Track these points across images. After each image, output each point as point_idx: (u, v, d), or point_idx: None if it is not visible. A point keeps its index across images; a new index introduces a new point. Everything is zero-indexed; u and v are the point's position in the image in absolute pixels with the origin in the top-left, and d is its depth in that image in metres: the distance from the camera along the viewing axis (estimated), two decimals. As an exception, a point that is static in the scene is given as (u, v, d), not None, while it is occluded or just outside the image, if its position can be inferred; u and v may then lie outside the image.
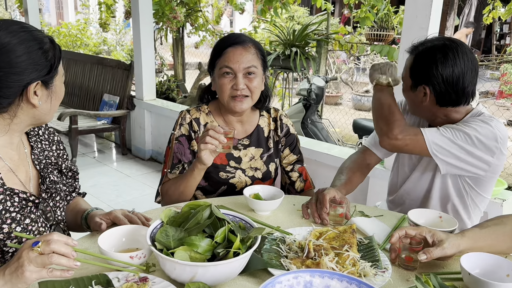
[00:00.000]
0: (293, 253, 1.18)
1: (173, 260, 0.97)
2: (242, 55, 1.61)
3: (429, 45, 1.56)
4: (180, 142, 1.73)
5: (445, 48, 1.52)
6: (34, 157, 1.29)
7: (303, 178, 1.84)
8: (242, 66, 1.60)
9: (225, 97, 1.64)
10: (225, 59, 1.61)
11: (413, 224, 1.30)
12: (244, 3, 6.68)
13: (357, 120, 4.51)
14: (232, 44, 1.62)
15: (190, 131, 1.73)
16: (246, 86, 1.62)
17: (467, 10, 12.80)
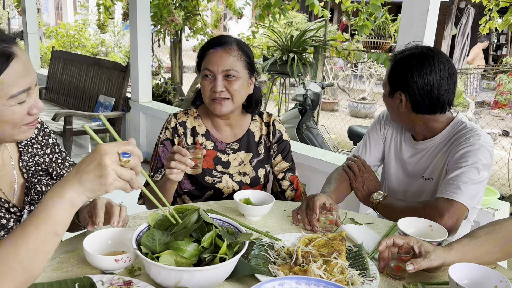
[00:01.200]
0: (281, 260, 1.17)
1: (158, 265, 0.96)
2: (222, 57, 1.59)
3: (407, 53, 1.61)
4: (165, 145, 1.73)
5: (421, 56, 1.56)
6: (22, 165, 1.22)
7: (294, 187, 1.82)
8: (220, 68, 1.59)
9: (206, 99, 1.64)
10: (206, 61, 1.61)
11: (402, 233, 1.29)
12: (243, 8, 6.70)
13: (352, 127, 4.51)
14: (214, 46, 1.62)
15: (174, 135, 1.73)
16: (225, 89, 1.61)
17: (464, 20, 12.88)
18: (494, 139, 6.91)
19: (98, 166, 0.87)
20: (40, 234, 0.86)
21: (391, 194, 1.75)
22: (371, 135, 1.85)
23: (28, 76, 1.00)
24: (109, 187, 0.88)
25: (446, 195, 1.51)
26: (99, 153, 0.88)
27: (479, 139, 1.57)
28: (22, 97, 1.00)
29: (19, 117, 1.02)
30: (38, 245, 0.86)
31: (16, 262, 0.84)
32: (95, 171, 0.87)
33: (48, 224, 0.86)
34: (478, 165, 1.53)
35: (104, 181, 0.87)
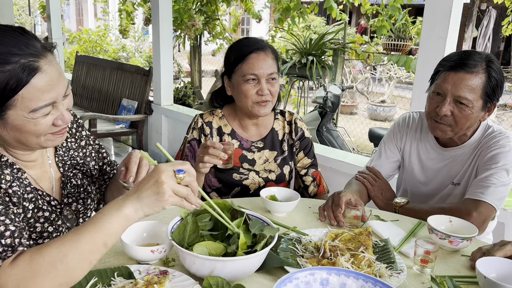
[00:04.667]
0: (309, 253, 1.20)
1: (193, 254, 1.00)
2: (265, 61, 1.65)
3: (489, 62, 1.54)
4: (192, 145, 1.78)
5: (497, 63, 1.56)
6: (58, 159, 1.26)
7: (317, 183, 1.86)
8: (266, 72, 1.64)
9: (249, 103, 1.67)
10: (249, 66, 1.64)
11: (432, 229, 1.30)
12: (262, 10, 6.76)
13: (373, 129, 4.51)
14: (255, 50, 1.65)
15: (201, 135, 1.78)
16: (269, 91, 1.66)
17: (485, 21, 12.68)
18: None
19: (155, 183, 0.93)
20: (90, 242, 0.91)
21: (415, 199, 1.75)
22: (386, 145, 1.85)
23: (53, 91, 1.00)
24: (165, 202, 0.94)
25: (474, 196, 1.52)
26: (156, 172, 0.94)
27: (509, 141, 1.58)
28: (45, 110, 1.01)
29: (42, 128, 1.03)
30: (86, 251, 0.91)
31: (61, 263, 0.89)
32: (152, 188, 0.93)
33: (100, 234, 0.92)
34: (508, 167, 1.54)
35: (161, 197, 0.93)
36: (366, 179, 1.80)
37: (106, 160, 1.45)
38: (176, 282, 1.01)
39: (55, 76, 1.01)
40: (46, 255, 0.89)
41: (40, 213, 1.13)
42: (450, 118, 1.55)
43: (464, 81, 1.50)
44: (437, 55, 2.41)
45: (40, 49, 1.00)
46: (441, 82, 1.55)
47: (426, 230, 1.35)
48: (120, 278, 1.00)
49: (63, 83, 1.04)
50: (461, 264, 1.23)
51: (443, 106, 1.53)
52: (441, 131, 1.60)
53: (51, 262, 0.88)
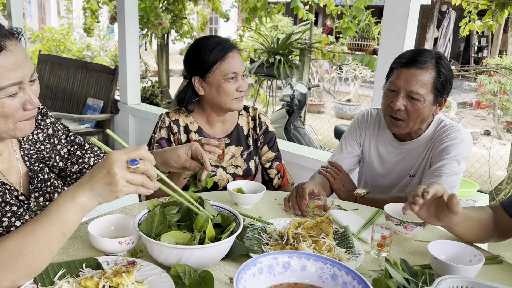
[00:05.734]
0: (273, 241, 1.25)
1: (160, 244, 1.03)
2: (240, 59, 1.73)
3: (438, 59, 1.65)
4: (161, 145, 1.79)
5: (446, 60, 1.68)
6: (24, 153, 1.25)
7: (281, 175, 1.93)
8: (242, 69, 1.73)
9: (229, 100, 1.72)
10: (229, 65, 1.69)
11: (390, 217, 1.38)
12: (229, 10, 6.80)
13: (338, 126, 4.63)
14: (231, 49, 1.71)
15: (170, 133, 1.80)
16: (245, 87, 1.75)
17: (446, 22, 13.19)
18: (476, 139, 7.12)
19: (107, 174, 0.92)
20: (48, 233, 0.91)
21: (375, 190, 1.85)
22: (347, 141, 1.94)
23: (19, 70, 1.00)
24: (119, 193, 0.94)
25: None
26: (108, 161, 0.93)
27: (459, 134, 1.69)
28: (11, 90, 1.00)
29: (10, 110, 1.02)
30: (44, 243, 0.91)
31: (21, 256, 0.89)
32: (104, 178, 0.92)
33: (57, 225, 0.92)
34: (458, 158, 1.65)
35: (114, 188, 0.93)
36: (329, 173, 1.88)
37: (76, 144, 1.42)
38: (144, 271, 1.04)
39: (21, 57, 1.02)
40: (5, 248, 0.89)
41: (7, 207, 1.13)
42: (403, 112, 1.64)
43: (416, 76, 1.60)
44: (396, 54, 2.50)
45: (6, 32, 1.01)
46: (395, 78, 1.65)
47: (384, 217, 1.43)
48: (88, 269, 1.02)
49: (29, 66, 1.04)
50: (415, 248, 1.32)
51: (397, 101, 1.63)
52: (397, 127, 1.69)
53: (11, 255, 0.89)
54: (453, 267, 1.10)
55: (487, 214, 1.38)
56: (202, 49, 1.71)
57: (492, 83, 7.37)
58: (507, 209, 1.37)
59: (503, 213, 1.37)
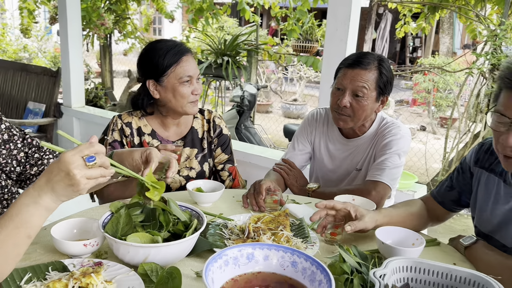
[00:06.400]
0: (235, 236, 1.32)
1: (127, 243, 1.06)
2: (194, 62, 1.76)
3: (380, 61, 1.80)
4: (113, 147, 1.79)
5: (387, 61, 1.84)
6: None
7: (233, 177, 1.97)
8: (196, 72, 1.75)
9: (185, 103, 1.74)
10: (184, 68, 1.71)
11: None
12: (175, 10, 6.76)
13: (287, 125, 4.78)
14: (185, 52, 1.73)
15: (122, 136, 1.80)
16: (200, 91, 1.77)
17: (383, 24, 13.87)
18: (413, 134, 7.58)
19: (66, 176, 0.92)
20: (14, 236, 0.91)
21: (325, 184, 1.96)
22: (298, 139, 2.06)
23: None
24: (82, 191, 0.96)
25: (372, 178, 1.77)
26: (64, 163, 0.92)
27: (399, 130, 1.85)
28: None
29: None
30: (11, 245, 0.91)
31: None
32: (65, 180, 0.93)
33: (21, 228, 0.92)
34: (399, 152, 1.80)
35: (77, 187, 0.94)
36: (283, 169, 1.97)
37: (33, 146, 1.39)
38: (111, 271, 1.06)
39: None
40: None
41: None
42: (349, 109, 1.77)
43: (360, 76, 1.73)
44: (339, 56, 2.66)
45: None
46: (341, 78, 1.78)
47: (335, 209, 1.54)
48: (55, 272, 1.03)
49: None
50: (364, 235, 1.43)
51: (343, 99, 1.76)
52: (343, 121, 1.82)
53: None
54: (399, 250, 1.22)
55: (418, 206, 1.56)
56: (156, 52, 1.72)
57: (426, 81, 7.90)
58: (436, 198, 1.55)
59: (434, 202, 1.55)
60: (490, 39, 3.77)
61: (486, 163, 1.41)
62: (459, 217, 4.23)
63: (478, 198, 1.43)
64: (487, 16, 4.12)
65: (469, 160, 1.47)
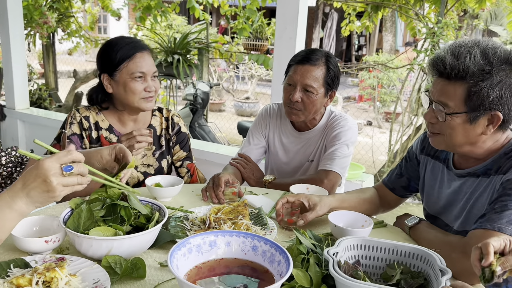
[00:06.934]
0: (196, 227, 1.36)
1: (90, 237, 1.07)
2: (149, 60, 1.76)
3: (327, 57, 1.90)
4: (72, 140, 1.78)
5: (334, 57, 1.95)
6: None
7: (191, 173, 2.01)
8: (151, 70, 1.75)
9: (136, 99, 1.74)
10: (137, 64, 1.72)
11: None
12: (122, 8, 6.61)
13: (241, 123, 4.85)
14: (140, 49, 1.74)
15: (82, 129, 1.80)
16: (154, 88, 1.77)
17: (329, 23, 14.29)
18: (360, 129, 7.91)
19: (43, 182, 0.94)
20: None
21: (280, 176, 2.05)
22: (253, 134, 2.13)
23: None
24: (58, 197, 0.98)
25: (324, 167, 1.87)
26: (42, 170, 0.94)
27: (347, 122, 1.97)
28: None
29: None
30: None
31: None
32: (41, 186, 0.95)
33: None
34: (347, 142, 1.92)
35: (52, 194, 0.96)
36: (239, 164, 2.03)
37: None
38: (74, 265, 1.07)
39: None
40: None
41: None
42: (300, 103, 1.86)
43: (309, 72, 1.83)
44: (289, 54, 2.74)
45: None
46: (292, 74, 1.87)
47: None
48: (17, 269, 1.03)
49: None
50: (318, 220, 1.52)
51: (295, 94, 1.85)
52: (295, 115, 1.91)
53: None
54: (349, 231, 1.32)
55: (370, 192, 1.68)
56: (112, 47, 1.74)
57: (371, 78, 8.25)
58: (388, 185, 1.67)
59: (385, 189, 1.67)
60: (428, 36, 4.03)
61: (431, 150, 1.54)
62: (405, 205, 4.49)
63: (426, 183, 1.56)
64: (425, 15, 4.40)
65: (415, 149, 1.61)
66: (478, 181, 1.34)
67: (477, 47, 1.22)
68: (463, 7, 4.86)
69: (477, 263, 0.97)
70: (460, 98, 1.24)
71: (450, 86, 1.25)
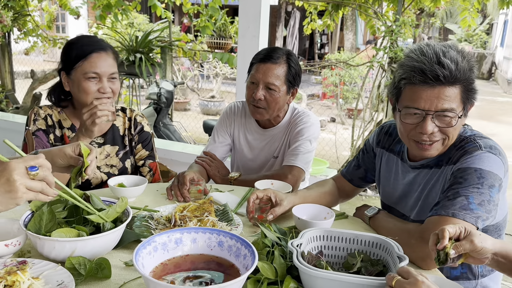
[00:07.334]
0: (161, 226, 1.36)
1: (52, 239, 1.06)
2: (107, 60, 1.70)
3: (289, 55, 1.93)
4: (38, 136, 1.74)
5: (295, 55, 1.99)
6: None
7: (153, 172, 1.99)
8: (107, 71, 1.70)
9: (89, 99, 1.70)
10: (91, 64, 1.67)
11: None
12: (81, 6, 6.44)
13: (207, 121, 4.83)
14: (97, 49, 1.69)
15: (47, 125, 1.77)
16: (110, 89, 1.72)
17: (292, 22, 14.45)
18: (324, 125, 8.05)
19: (6, 181, 0.93)
20: None
21: (246, 173, 2.07)
22: (218, 132, 2.14)
23: None
24: (19, 200, 0.95)
25: (288, 163, 1.91)
26: (7, 169, 0.93)
27: (309, 118, 2.02)
28: None
29: None
30: None
31: None
32: (4, 186, 0.93)
33: None
34: (310, 138, 1.96)
35: (14, 195, 0.94)
36: (205, 162, 2.04)
37: None
38: (37, 268, 1.05)
39: None
40: None
41: None
42: (263, 101, 1.89)
43: (271, 70, 1.86)
44: (253, 52, 2.77)
45: None
46: (254, 72, 1.90)
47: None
48: (-25, 274, 1.00)
49: None
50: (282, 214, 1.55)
51: (258, 92, 1.87)
52: (259, 114, 1.94)
53: None
54: (313, 223, 1.36)
55: (329, 185, 1.74)
56: (72, 45, 1.72)
57: (333, 76, 8.42)
58: (346, 176, 1.73)
59: (343, 180, 1.73)
60: (387, 34, 4.17)
61: (386, 143, 1.61)
62: (368, 198, 4.62)
63: (381, 175, 1.63)
64: (384, 13, 4.54)
65: (372, 142, 1.67)
66: (431, 172, 1.42)
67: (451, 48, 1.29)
68: (419, 6, 5.04)
69: (434, 247, 1.03)
70: (459, 99, 1.29)
71: (449, 90, 1.27)
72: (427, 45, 1.31)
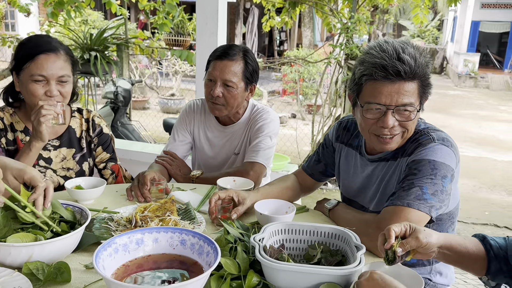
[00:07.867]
0: (122, 227, 1.34)
1: (7, 245, 1.02)
2: (55, 62, 1.63)
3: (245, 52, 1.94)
4: None
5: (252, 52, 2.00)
6: None
7: (116, 175, 1.96)
8: (56, 73, 1.63)
9: (36, 101, 1.63)
10: (37, 66, 1.60)
11: (222, 188, 1.61)
12: (31, 4, 6.17)
13: (167, 120, 4.77)
14: (45, 51, 1.62)
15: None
16: (59, 93, 1.65)
17: (251, 19, 14.48)
18: (285, 122, 8.15)
19: None
20: None
21: (208, 170, 2.07)
22: (178, 130, 2.13)
23: None
24: None
25: (249, 159, 1.93)
26: None
27: (269, 115, 2.04)
28: None
29: None
30: None
31: None
32: None
33: None
34: (270, 134, 1.99)
35: None
36: (165, 161, 2.02)
37: None
38: (-9, 277, 1.02)
39: None
40: None
41: None
42: (222, 98, 1.90)
43: (228, 67, 1.87)
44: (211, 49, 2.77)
45: None
46: (212, 70, 1.90)
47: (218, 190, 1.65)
48: None
49: None
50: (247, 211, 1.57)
51: (215, 89, 1.88)
52: (218, 110, 1.95)
53: None
54: (274, 218, 1.38)
55: (291, 180, 1.77)
56: (22, 45, 1.66)
57: (293, 72, 8.52)
58: (307, 171, 1.77)
59: (305, 175, 1.77)
60: (343, 31, 4.27)
61: (345, 138, 1.66)
62: (329, 191, 4.73)
63: (341, 169, 1.68)
64: (339, 11, 4.64)
65: (331, 137, 1.72)
66: (388, 165, 1.48)
67: (408, 45, 1.33)
68: (373, 3, 5.19)
69: (382, 247, 1.07)
70: (417, 94, 1.35)
71: (409, 85, 1.32)
72: (386, 42, 1.35)
